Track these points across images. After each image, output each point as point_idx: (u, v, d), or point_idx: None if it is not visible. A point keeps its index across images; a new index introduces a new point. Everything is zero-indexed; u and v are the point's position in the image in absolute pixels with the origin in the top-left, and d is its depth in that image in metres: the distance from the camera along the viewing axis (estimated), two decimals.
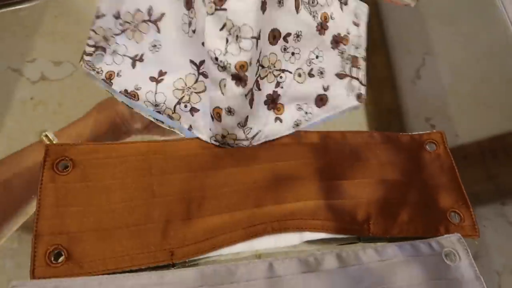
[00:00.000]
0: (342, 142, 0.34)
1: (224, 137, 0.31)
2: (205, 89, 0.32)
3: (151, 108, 0.32)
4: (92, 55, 0.32)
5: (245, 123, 0.31)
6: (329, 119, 0.36)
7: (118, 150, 0.30)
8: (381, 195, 0.32)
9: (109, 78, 0.32)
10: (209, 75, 0.28)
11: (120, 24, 0.32)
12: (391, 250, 0.29)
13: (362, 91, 0.36)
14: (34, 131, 0.31)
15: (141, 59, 0.33)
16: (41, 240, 0.26)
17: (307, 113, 0.34)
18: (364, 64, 0.37)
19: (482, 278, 0.28)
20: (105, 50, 0.33)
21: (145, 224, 0.28)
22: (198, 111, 0.32)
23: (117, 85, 0.32)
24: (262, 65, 0.31)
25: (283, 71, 0.33)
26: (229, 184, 0.30)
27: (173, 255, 0.27)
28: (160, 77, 0.32)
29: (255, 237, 0.29)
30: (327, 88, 0.35)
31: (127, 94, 0.32)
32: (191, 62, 0.31)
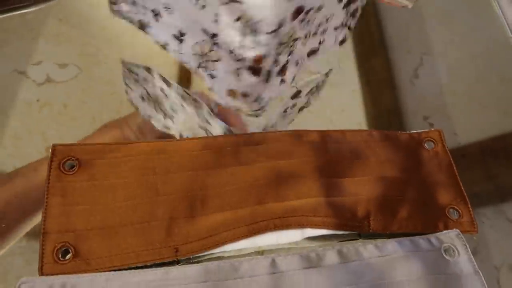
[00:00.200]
0: (341, 140, 0.35)
1: (237, 109, 0.31)
2: (219, 59, 0.30)
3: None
4: (116, 3, 0.30)
5: (259, 97, 0.30)
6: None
7: (123, 150, 0.31)
8: (380, 192, 0.32)
9: (142, 27, 0.31)
10: (224, 62, 0.28)
11: None
12: (391, 246, 0.30)
13: (347, 36, 0.35)
14: (40, 132, 0.32)
15: (160, 15, 0.31)
16: (48, 237, 0.26)
17: (301, 66, 0.34)
18: (360, 11, 0.36)
19: (480, 272, 0.29)
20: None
21: (149, 221, 0.28)
22: (215, 77, 0.31)
23: (151, 35, 0.31)
24: (281, 43, 0.30)
25: (295, 39, 0.32)
26: (231, 182, 0.31)
27: (177, 251, 0.28)
28: (180, 37, 0.30)
29: (257, 234, 0.29)
30: (322, 41, 0.35)
31: (160, 45, 0.31)
32: (204, 31, 0.30)
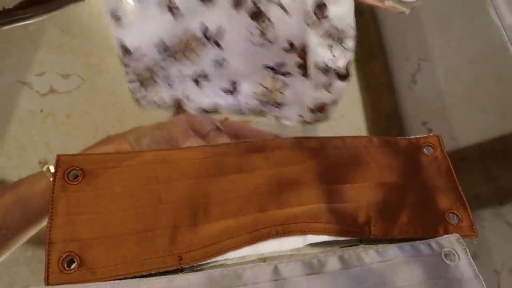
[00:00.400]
0: (342, 147, 0.35)
1: (319, 120, 0.32)
2: (286, 86, 0.31)
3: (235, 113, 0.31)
4: (145, 96, 0.30)
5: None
6: None
7: (125, 159, 0.31)
8: (381, 198, 0.33)
9: (179, 104, 0.31)
10: (313, 81, 0.29)
11: (165, 50, 0.29)
12: (392, 251, 0.30)
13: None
14: (43, 142, 0.32)
15: (204, 77, 0.31)
16: (54, 247, 0.27)
17: None
18: None
19: (481, 276, 0.29)
20: (154, 80, 0.30)
21: (153, 230, 0.29)
22: (282, 104, 0.32)
23: (191, 108, 0.31)
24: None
25: None
26: (233, 190, 0.31)
27: (181, 259, 0.28)
28: (234, 87, 0.31)
29: (260, 241, 0.29)
30: None
31: (208, 112, 0.31)
32: (265, 67, 0.30)
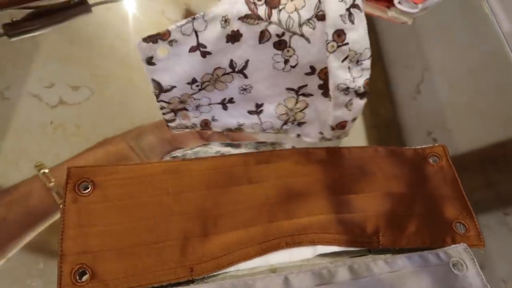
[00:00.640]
0: (348, 157, 0.36)
1: (339, 136, 0.33)
2: (307, 106, 0.33)
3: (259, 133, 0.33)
4: (175, 120, 0.33)
5: None
6: None
7: (136, 170, 0.31)
8: (388, 208, 0.33)
9: (206, 125, 0.33)
10: (334, 101, 0.30)
11: (197, 86, 0.31)
12: (401, 261, 0.30)
13: None
14: (53, 153, 0.33)
15: (231, 101, 0.33)
16: (66, 259, 0.27)
17: None
18: None
19: (489, 286, 0.29)
20: (186, 108, 0.33)
21: (164, 241, 0.29)
22: (304, 123, 0.33)
23: (217, 127, 0.33)
24: None
25: None
26: (243, 201, 0.32)
27: (192, 271, 0.28)
28: (259, 109, 0.33)
29: (270, 252, 0.30)
30: None
31: (231, 131, 0.33)
32: (288, 89, 0.32)
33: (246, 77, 0.31)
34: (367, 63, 0.29)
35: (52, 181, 0.31)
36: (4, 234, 0.31)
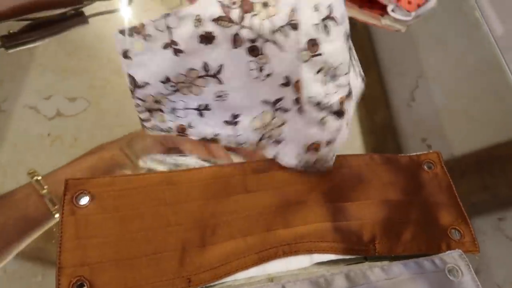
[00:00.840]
0: (344, 165, 0.36)
1: (314, 163, 0.32)
2: (284, 123, 0.32)
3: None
4: (150, 120, 0.32)
5: (336, 146, 0.32)
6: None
7: (133, 181, 0.32)
8: (384, 215, 0.33)
9: (182, 131, 0.33)
10: (307, 116, 0.29)
11: (171, 86, 0.31)
12: (397, 268, 0.31)
13: (362, 72, 0.38)
14: (52, 166, 0.33)
15: (207, 108, 0.32)
16: (64, 272, 0.27)
17: (348, 110, 0.36)
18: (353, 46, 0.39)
19: None
20: (161, 110, 0.32)
21: (162, 252, 0.29)
22: (281, 142, 0.33)
23: (193, 135, 0.33)
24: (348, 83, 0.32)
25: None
26: (240, 210, 0.32)
27: (190, 281, 0.28)
28: (235, 120, 0.32)
29: (267, 261, 0.30)
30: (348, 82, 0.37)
31: (208, 140, 0.33)
32: (264, 102, 0.32)
33: (221, 82, 0.31)
34: (343, 80, 0.28)
35: (45, 188, 0.31)
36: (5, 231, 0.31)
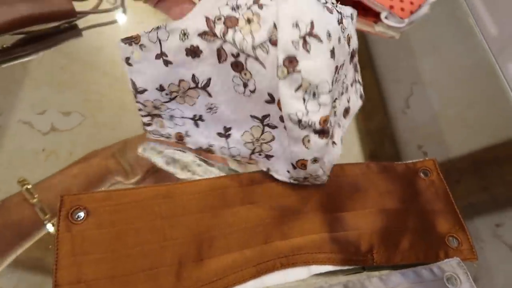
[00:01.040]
0: (341, 174, 0.36)
1: (306, 178, 0.33)
2: (273, 139, 0.32)
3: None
4: (151, 124, 0.34)
5: (323, 161, 0.31)
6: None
7: (129, 195, 0.31)
8: (382, 225, 0.33)
9: (180, 138, 0.34)
10: (288, 134, 0.29)
11: (166, 94, 0.32)
12: (395, 277, 0.30)
13: (361, 91, 0.39)
14: None
15: (201, 119, 0.33)
16: None
17: (343, 127, 0.36)
18: (358, 65, 0.39)
19: None
20: (161, 116, 0.34)
21: (159, 267, 0.29)
22: (272, 156, 0.33)
23: (190, 143, 0.34)
24: (333, 101, 0.32)
25: (335, 100, 0.34)
26: (237, 222, 0.32)
27: None
28: (227, 133, 0.33)
29: (265, 274, 0.30)
30: (349, 99, 0.37)
31: (202, 150, 0.34)
32: (253, 117, 0.32)
33: (210, 95, 0.32)
34: (325, 98, 0.28)
35: (35, 197, 0.31)
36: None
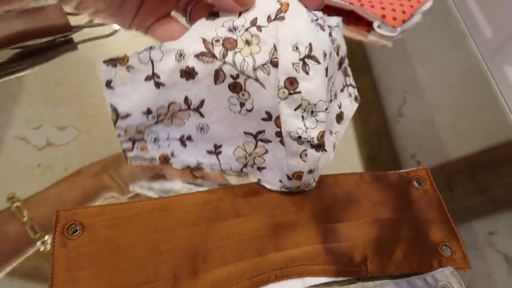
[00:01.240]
0: (334, 185, 0.36)
1: (298, 187, 0.34)
2: (266, 152, 0.33)
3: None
4: (132, 150, 0.32)
5: (318, 172, 0.33)
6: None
7: (124, 210, 0.32)
8: (375, 235, 0.34)
9: (165, 160, 0.33)
10: (287, 149, 0.31)
11: (153, 117, 0.31)
12: None
13: (356, 93, 0.39)
14: None
15: (190, 139, 0.32)
16: None
17: (336, 133, 0.37)
18: (349, 69, 0.40)
19: None
20: (144, 140, 0.32)
21: (154, 281, 0.29)
22: (264, 168, 0.34)
23: (176, 164, 0.33)
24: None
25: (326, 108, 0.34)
26: (232, 235, 0.32)
27: None
28: (217, 150, 0.33)
29: (259, 287, 0.30)
30: (340, 105, 0.38)
31: (191, 169, 0.33)
32: (246, 133, 0.32)
33: (202, 116, 0.31)
34: (322, 116, 0.30)
35: (25, 216, 0.31)
36: None
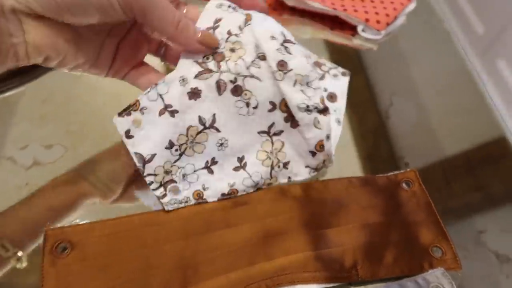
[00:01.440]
0: (323, 191, 0.36)
1: (324, 161, 0.36)
2: (283, 144, 0.35)
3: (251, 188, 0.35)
4: (166, 195, 0.33)
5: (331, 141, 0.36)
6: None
7: (112, 226, 0.32)
8: (365, 239, 0.34)
9: (199, 197, 0.34)
10: (301, 123, 0.33)
11: (176, 150, 0.32)
12: None
13: (341, 69, 0.46)
14: None
15: (214, 162, 0.34)
16: None
17: (335, 110, 0.41)
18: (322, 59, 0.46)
19: None
20: (173, 180, 0.33)
21: None
22: (288, 163, 0.36)
23: (211, 197, 0.34)
24: None
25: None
26: (222, 246, 0.32)
27: None
28: (242, 162, 0.34)
29: None
30: (326, 88, 0.43)
31: (226, 195, 0.34)
32: (260, 132, 0.34)
33: (218, 130, 0.33)
34: (316, 83, 0.34)
35: None
36: None
